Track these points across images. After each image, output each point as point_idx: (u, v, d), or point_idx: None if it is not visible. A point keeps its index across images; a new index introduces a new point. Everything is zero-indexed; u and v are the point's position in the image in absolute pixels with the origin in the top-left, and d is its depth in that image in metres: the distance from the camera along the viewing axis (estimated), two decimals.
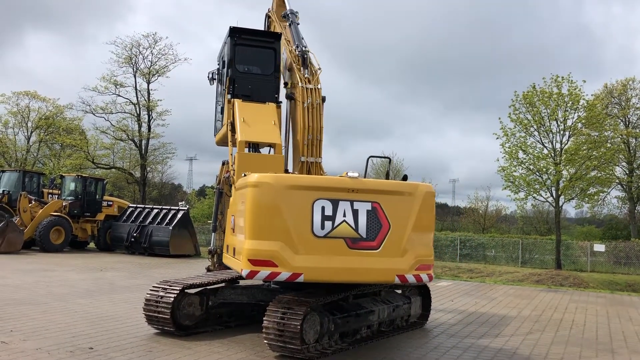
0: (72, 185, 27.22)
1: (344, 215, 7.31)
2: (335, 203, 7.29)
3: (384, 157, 8.49)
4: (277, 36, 10.33)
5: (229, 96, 10.20)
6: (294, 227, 7.18)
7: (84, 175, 29.06)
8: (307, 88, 9.69)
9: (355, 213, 7.34)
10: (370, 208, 7.38)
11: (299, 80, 9.98)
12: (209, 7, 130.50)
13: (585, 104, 28.59)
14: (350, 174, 7.41)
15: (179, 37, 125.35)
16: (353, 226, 7.33)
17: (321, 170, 9.83)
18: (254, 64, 10.48)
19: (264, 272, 7.18)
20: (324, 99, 10.01)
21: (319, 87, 9.73)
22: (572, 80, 28.36)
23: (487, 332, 10.56)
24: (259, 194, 7.22)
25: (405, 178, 9.40)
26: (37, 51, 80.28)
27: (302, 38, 10.87)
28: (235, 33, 10.48)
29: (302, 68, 10.01)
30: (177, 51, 41.72)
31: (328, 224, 7.25)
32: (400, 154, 58.43)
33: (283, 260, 7.13)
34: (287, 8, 11.94)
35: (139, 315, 9.49)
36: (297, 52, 10.46)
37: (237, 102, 9.87)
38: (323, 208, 7.27)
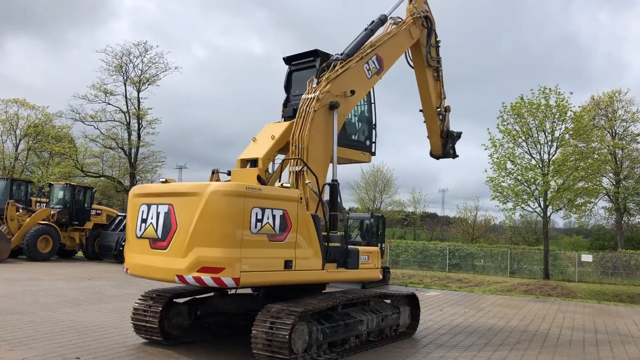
0: (60, 194, 27.06)
1: (152, 218, 7.92)
2: (149, 207, 8.01)
3: (297, 158, 8.58)
4: (314, 53, 10.23)
5: (282, 119, 10.28)
6: (129, 229, 8.43)
7: (72, 183, 28.91)
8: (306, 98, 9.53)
9: (157, 215, 7.85)
10: (166, 210, 7.73)
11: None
12: (194, 14, 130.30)
13: (573, 116, 28.87)
14: (163, 179, 8.22)
15: (163, 44, 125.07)
16: (155, 227, 7.87)
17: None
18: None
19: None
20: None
21: (313, 95, 9.53)
22: (559, 92, 28.66)
23: (475, 341, 10.61)
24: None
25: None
26: (17, 56, 79.79)
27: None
28: (288, 61, 10.69)
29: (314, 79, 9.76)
30: (168, 60, 41.49)
31: (143, 225, 8.05)
32: (390, 164, 58.63)
33: (126, 257, 8.57)
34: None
35: (127, 324, 9.45)
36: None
37: (266, 125, 10.00)
38: (142, 211, 8.10)
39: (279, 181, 9.11)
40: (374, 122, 11.18)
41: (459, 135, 13.21)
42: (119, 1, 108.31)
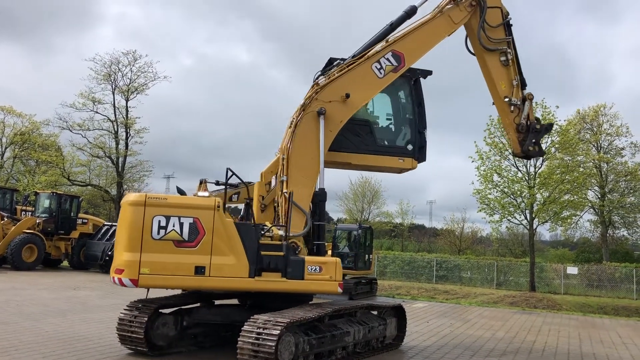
0: (46, 202, 26.82)
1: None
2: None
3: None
4: (330, 62, 10.11)
5: None
6: None
7: (59, 192, 28.66)
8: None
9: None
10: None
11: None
12: (178, 22, 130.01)
13: (559, 129, 29.26)
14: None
15: (148, 51, 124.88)
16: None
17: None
18: None
19: None
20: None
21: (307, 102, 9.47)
22: (545, 106, 29.08)
23: (461, 353, 10.65)
24: None
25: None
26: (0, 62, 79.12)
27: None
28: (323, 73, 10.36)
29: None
30: (157, 69, 41.45)
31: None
32: (378, 175, 58.92)
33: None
34: None
35: (112, 335, 9.38)
36: None
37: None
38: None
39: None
40: (418, 124, 10.39)
41: (547, 128, 11.39)
42: (103, 8, 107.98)
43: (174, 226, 7.95)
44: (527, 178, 29.22)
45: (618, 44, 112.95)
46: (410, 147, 10.28)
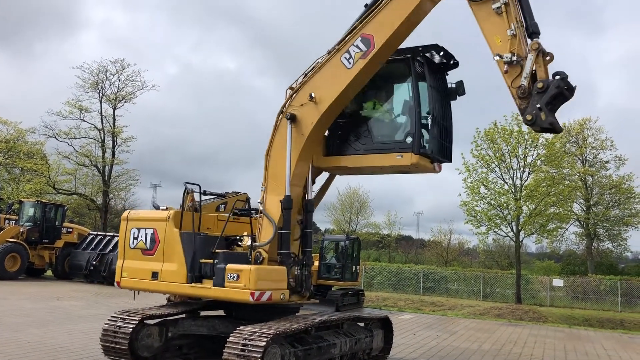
0: (31, 211, 26.51)
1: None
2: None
3: (194, 184, 9.06)
4: None
5: None
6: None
7: (43, 200, 28.36)
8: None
9: None
10: None
11: None
12: (164, 29, 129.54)
13: (545, 142, 29.56)
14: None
15: (133, 58, 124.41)
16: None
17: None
18: None
19: None
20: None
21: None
22: None
23: None
24: None
25: None
26: None
27: None
28: None
29: None
30: (145, 78, 41.29)
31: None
32: (365, 186, 59.11)
33: None
34: None
35: (96, 346, 9.26)
36: None
37: None
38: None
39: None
40: (418, 112, 8.83)
41: (559, 86, 7.30)
42: (87, 14, 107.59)
43: (142, 237, 9.16)
44: (513, 190, 29.44)
45: (602, 57, 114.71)
46: (409, 139, 8.87)
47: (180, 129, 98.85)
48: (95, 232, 28.75)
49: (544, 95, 7.30)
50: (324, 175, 10.28)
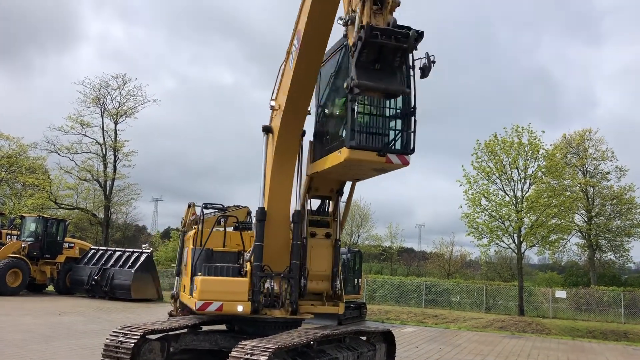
0: (32, 226, 26.52)
1: None
2: None
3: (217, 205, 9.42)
4: None
5: None
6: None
7: (45, 215, 28.39)
8: None
9: None
10: None
11: None
12: (161, 42, 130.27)
13: (545, 154, 29.62)
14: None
15: (130, 73, 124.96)
16: None
17: None
18: None
19: None
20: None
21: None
22: (531, 130, 29.45)
23: None
24: None
25: None
26: None
27: None
28: None
29: None
30: (146, 92, 41.53)
31: None
32: (367, 198, 59.07)
33: None
34: None
35: None
36: None
37: None
38: None
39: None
40: (348, 103, 7.54)
41: (365, 39, 5.81)
42: (84, 28, 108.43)
43: (185, 256, 10.49)
44: (514, 202, 29.45)
45: (602, 67, 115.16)
46: (343, 133, 7.86)
47: (179, 142, 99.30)
48: (97, 247, 28.76)
49: (355, 52, 5.94)
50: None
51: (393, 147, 7.72)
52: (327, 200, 9.72)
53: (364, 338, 10.31)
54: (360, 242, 57.12)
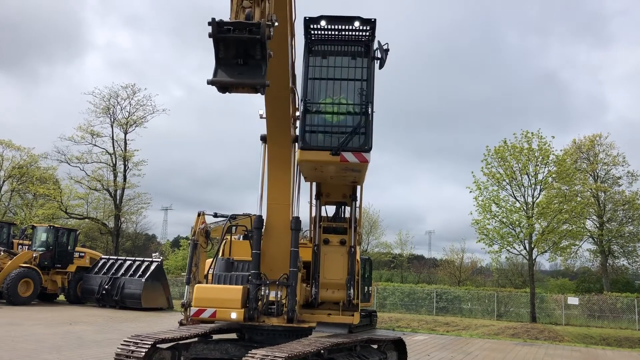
0: (43, 236, 26.69)
1: None
2: None
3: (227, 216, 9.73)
4: None
5: None
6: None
7: (56, 225, 28.57)
8: None
9: None
10: None
11: None
12: (167, 51, 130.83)
13: (555, 159, 29.44)
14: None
15: (138, 81, 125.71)
16: None
17: None
18: None
19: None
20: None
21: None
22: (541, 136, 29.30)
23: None
24: None
25: None
26: None
27: None
28: None
29: None
30: (155, 102, 41.80)
31: None
32: (376, 204, 59.03)
33: None
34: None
35: None
36: None
37: None
38: None
39: None
40: (300, 102, 7.56)
41: (222, 33, 5.16)
42: (90, 37, 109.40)
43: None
44: (525, 208, 29.25)
45: (611, 70, 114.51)
46: (297, 125, 7.88)
47: (188, 150, 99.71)
48: (107, 256, 28.89)
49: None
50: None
51: (349, 145, 7.62)
52: (343, 206, 9.68)
53: (375, 346, 10.25)
54: (370, 249, 56.93)
